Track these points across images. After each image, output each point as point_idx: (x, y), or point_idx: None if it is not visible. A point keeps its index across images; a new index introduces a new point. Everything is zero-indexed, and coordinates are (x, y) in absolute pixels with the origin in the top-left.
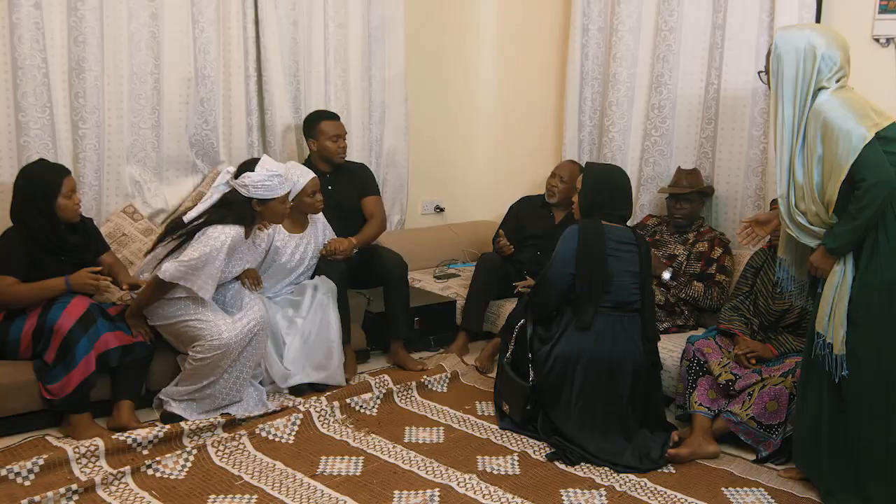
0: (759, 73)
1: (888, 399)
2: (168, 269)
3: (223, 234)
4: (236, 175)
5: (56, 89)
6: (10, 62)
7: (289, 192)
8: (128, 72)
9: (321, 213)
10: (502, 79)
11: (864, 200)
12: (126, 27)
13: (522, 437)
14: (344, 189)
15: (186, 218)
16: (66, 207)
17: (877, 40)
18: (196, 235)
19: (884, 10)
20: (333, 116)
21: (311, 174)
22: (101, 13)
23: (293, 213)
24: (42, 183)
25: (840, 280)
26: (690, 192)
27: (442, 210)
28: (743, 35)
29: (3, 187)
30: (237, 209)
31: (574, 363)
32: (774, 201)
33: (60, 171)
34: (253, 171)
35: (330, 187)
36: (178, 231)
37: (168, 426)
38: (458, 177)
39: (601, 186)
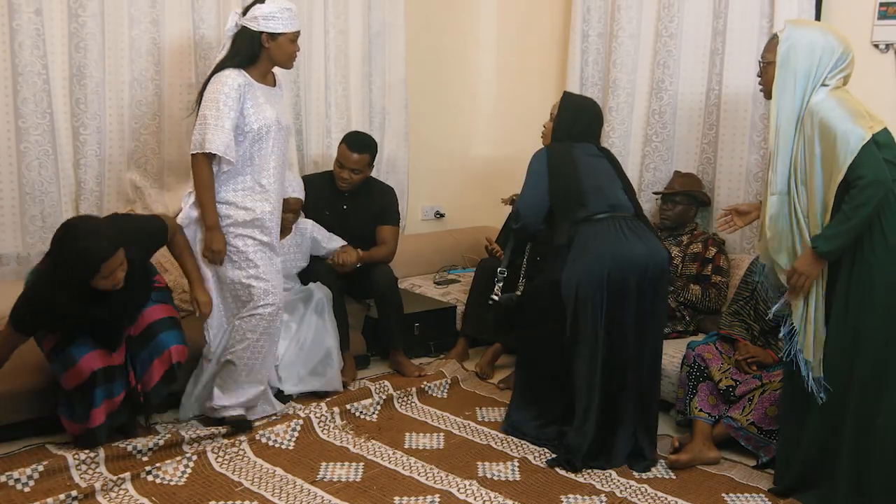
0: (759, 61)
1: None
2: (193, 141)
3: (220, 77)
4: (245, 13)
5: (57, 95)
6: (11, 68)
7: (299, 34)
8: (129, 77)
9: (308, 221)
10: (502, 84)
11: (860, 198)
12: (127, 33)
13: (523, 443)
14: (359, 212)
15: None
16: (102, 286)
17: (876, 46)
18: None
19: (883, 15)
20: (356, 147)
21: (299, 193)
22: (103, 20)
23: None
24: (80, 263)
25: (813, 300)
26: (677, 194)
27: (442, 216)
28: (743, 41)
29: (1, 193)
30: (244, 48)
31: (601, 269)
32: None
33: (105, 251)
34: (263, 2)
35: (345, 207)
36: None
37: (169, 434)
38: (459, 182)
39: (580, 116)
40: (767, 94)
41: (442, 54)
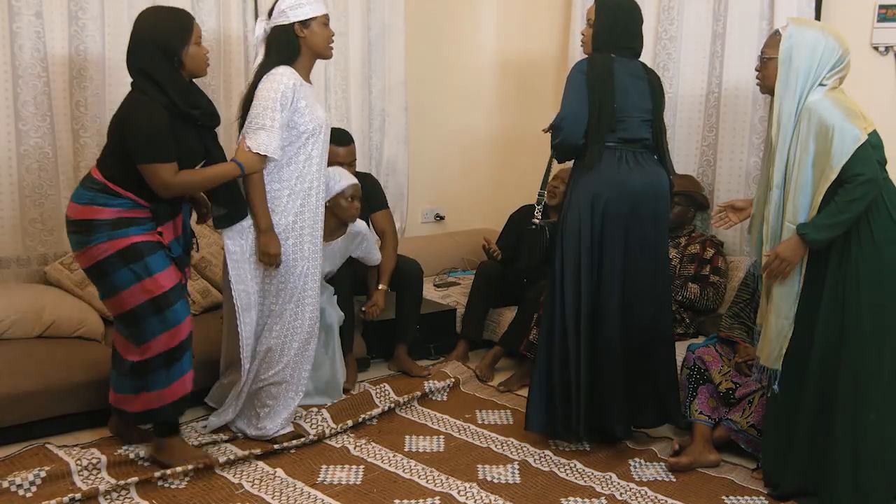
0: (760, 56)
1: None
2: (247, 143)
3: (275, 76)
4: (269, 15)
5: (57, 98)
6: (11, 70)
7: (328, 17)
8: (129, 80)
9: (363, 225)
10: (502, 87)
11: (856, 193)
12: (127, 36)
13: (524, 445)
14: None
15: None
16: (197, 57)
17: (876, 48)
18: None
19: (882, 18)
20: (342, 141)
21: (352, 179)
22: (103, 22)
23: (327, 216)
24: (172, 28)
25: (795, 280)
26: (676, 194)
27: (442, 218)
28: (743, 43)
29: (1, 196)
30: (279, 45)
31: (599, 204)
32: None
33: (188, 16)
34: None
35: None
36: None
37: (204, 459)
38: (459, 185)
39: (617, 18)
40: (764, 89)
41: (442, 56)
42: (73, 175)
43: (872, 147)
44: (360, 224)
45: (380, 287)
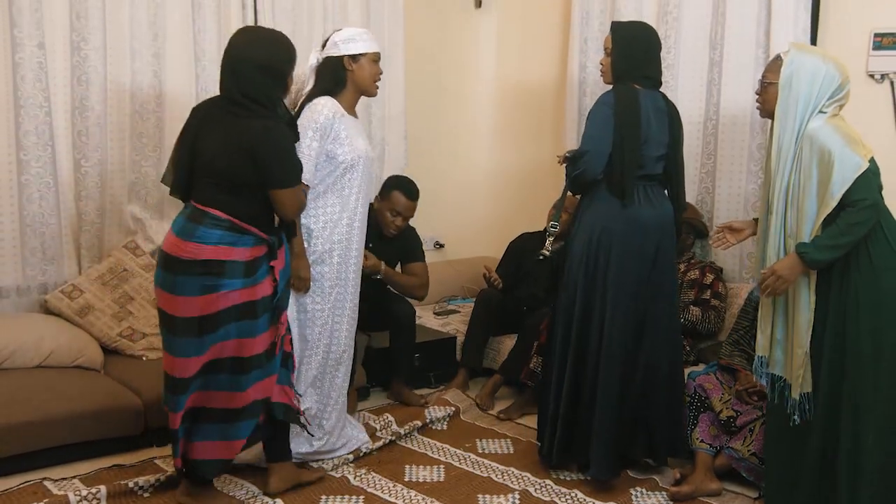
0: (760, 80)
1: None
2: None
3: (315, 106)
4: (323, 45)
5: (58, 127)
6: (13, 101)
7: (379, 56)
8: (130, 110)
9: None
10: (501, 115)
11: (860, 217)
12: (129, 66)
13: (524, 474)
14: (384, 252)
15: None
16: (298, 80)
17: (872, 76)
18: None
19: (878, 46)
20: (412, 196)
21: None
22: (105, 52)
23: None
24: (282, 53)
25: (805, 308)
26: None
27: (442, 246)
28: (740, 71)
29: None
30: (326, 76)
31: (608, 238)
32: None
33: (289, 39)
34: (340, 30)
35: (370, 245)
36: None
37: (169, 471)
38: (458, 213)
39: (634, 46)
40: (764, 113)
41: (441, 86)
42: (74, 205)
43: (872, 174)
44: None
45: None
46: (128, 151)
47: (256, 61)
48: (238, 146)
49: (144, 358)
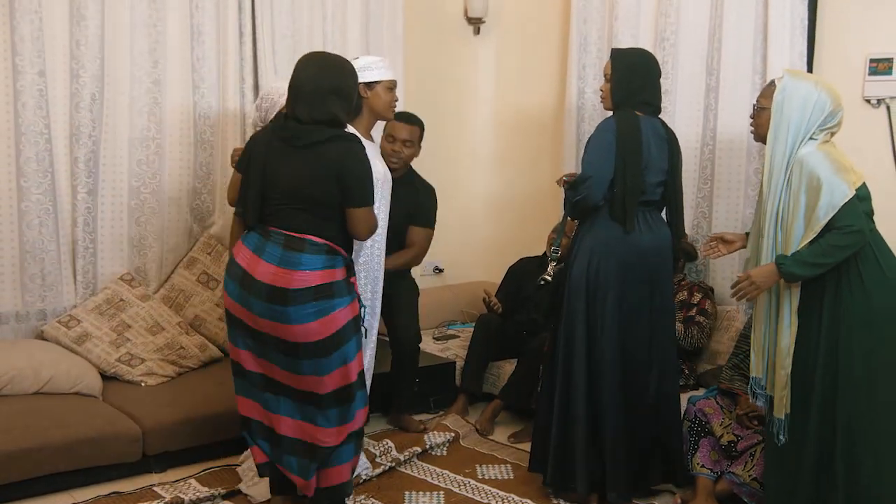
0: (754, 104)
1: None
2: None
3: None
4: None
5: (58, 154)
6: (14, 128)
7: (395, 83)
8: (128, 136)
9: None
10: (501, 139)
11: (844, 241)
12: (128, 93)
13: (524, 501)
14: (394, 203)
15: None
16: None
17: (868, 101)
18: None
19: (874, 71)
20: (405, 118)
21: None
22: (103, 80)
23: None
24: (352, 77)
25: (786, 330)
26: None
27: (441, 271)
28: (736, 97)
29: (1, 252)
30: None
31: (608, 263)
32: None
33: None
34: (357, 58)
35: None
36: None
37: (167, 498)
38: (457, 238)
39: (635, 73)
40: (758, 137)
41: (440, 111)
42: (71, 231)
43: (860, 199)
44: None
45: None
46: (126, 178)
47: (329, 86)
48: (326, 169)
49: (143, 384)
